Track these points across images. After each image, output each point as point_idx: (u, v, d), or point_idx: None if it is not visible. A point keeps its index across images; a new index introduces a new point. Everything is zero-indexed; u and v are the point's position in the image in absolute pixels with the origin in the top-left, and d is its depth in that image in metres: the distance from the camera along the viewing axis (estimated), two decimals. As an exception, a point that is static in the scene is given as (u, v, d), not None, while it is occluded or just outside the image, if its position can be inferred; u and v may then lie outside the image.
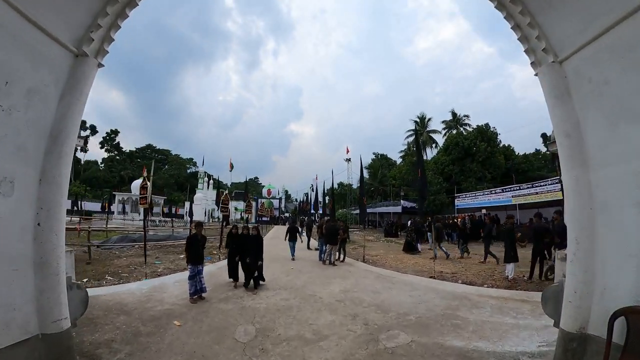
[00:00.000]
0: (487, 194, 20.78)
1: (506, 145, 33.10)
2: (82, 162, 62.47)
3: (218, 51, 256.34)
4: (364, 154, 75.46)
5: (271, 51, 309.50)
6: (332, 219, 11.10)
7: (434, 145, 40.82)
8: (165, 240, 14.35)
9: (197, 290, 5.70)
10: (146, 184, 7.87)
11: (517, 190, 18.84)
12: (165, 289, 6.65)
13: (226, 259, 7.23)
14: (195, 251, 5.80)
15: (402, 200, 24.88)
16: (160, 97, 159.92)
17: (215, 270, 8.71)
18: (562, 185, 15.49)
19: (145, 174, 31.38)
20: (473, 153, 28.20)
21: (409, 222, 15.68)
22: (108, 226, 20.40)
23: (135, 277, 7.93)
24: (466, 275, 8.21)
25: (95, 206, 35.32)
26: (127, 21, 3.52)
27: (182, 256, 11.19)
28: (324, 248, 10.18)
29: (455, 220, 19.66)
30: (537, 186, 17.74)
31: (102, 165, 63.82)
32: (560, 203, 17.27)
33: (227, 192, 10.22)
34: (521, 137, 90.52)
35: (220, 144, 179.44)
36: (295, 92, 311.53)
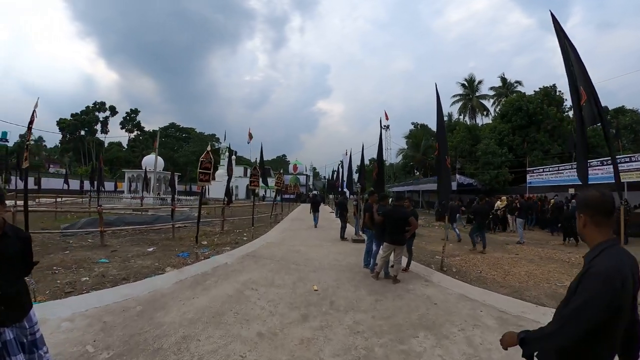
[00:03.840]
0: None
1: (570, 115, 26.63)
2: (106, 144, 61.55)
3: (244, 31, 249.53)
4: (394, 130, 68.81)
5: (297, 28, 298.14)
6: (396, 198, 5.93)
7: (484, 113, 34.41)
8: (151, 223, 10.80)
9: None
10: (31, 122, 4.01)
11: (626, 162, 13.35)
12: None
13: None
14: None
15: (457, 175, 19.73)
16: (188, 81, 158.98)
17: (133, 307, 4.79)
18: None
19: (156, 146, 28.67)
20: (539, 120, 22.26)
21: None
22: (95, 206, 17.25)
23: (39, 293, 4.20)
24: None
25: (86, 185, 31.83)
26: (151, 11, 0.21)
27: (150, 249, 7.51)
28: (375, 247, 5.59)
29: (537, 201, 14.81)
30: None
31: (127, 146, 62.55)
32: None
33: (209, 150, 6.03)
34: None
35: (247, 124, 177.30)
36: (322, 70, 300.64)
